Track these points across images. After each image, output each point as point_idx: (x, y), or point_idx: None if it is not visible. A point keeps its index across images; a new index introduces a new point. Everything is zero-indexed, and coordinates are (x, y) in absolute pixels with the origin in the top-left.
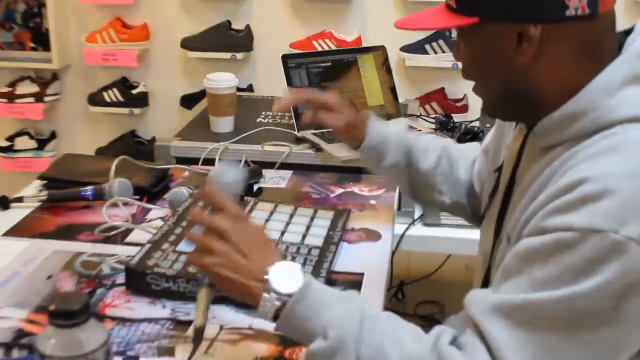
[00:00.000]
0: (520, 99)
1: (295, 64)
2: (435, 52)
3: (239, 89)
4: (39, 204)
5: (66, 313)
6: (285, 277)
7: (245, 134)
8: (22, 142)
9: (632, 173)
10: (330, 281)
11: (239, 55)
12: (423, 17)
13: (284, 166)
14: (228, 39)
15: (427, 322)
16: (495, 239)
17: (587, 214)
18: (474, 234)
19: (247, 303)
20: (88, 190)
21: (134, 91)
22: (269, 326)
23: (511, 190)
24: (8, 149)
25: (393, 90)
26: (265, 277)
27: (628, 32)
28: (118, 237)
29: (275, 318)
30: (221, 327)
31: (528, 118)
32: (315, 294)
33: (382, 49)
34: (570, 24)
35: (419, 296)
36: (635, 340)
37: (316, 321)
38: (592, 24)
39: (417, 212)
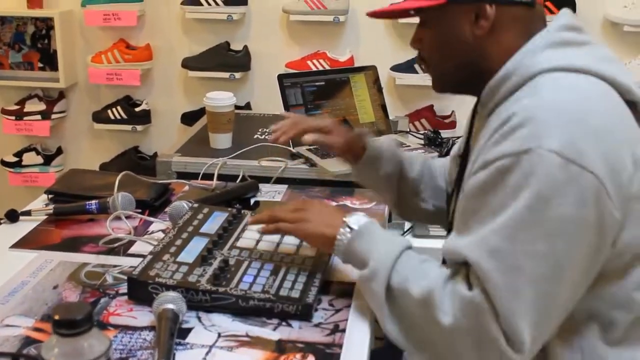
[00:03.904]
0: (473, 69)
1: (290, 83)
2: (424, 72)
3: (237, 107)
4: (45, 217)
5: (69, 322)
6: (359, 219)
7: (243, 150)
8: (30, 158)
9: (546, 103)
10: (324, 289)
11: (237, 75)
12: (393, 4)
13: (279, 181)
14: (227, 59)
15: None
16: None
17: (516, 140)
18: None
19: (327, 250)
20: (93, 204)
21: (137, 109)
22: (265, 333)
23: (467, 160)
24: (16, 165)
25: (384, 107)
26: (344, 219)
27: None
28: (121, 248)
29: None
30: (219, 335)
31: (476, 88)
32: (370, 234)
33: (373, 68)
34: (516, 8)
35: None
36: (578, 256)
37: (366, 255)
38: (530, 10)
39: (407, 225)
